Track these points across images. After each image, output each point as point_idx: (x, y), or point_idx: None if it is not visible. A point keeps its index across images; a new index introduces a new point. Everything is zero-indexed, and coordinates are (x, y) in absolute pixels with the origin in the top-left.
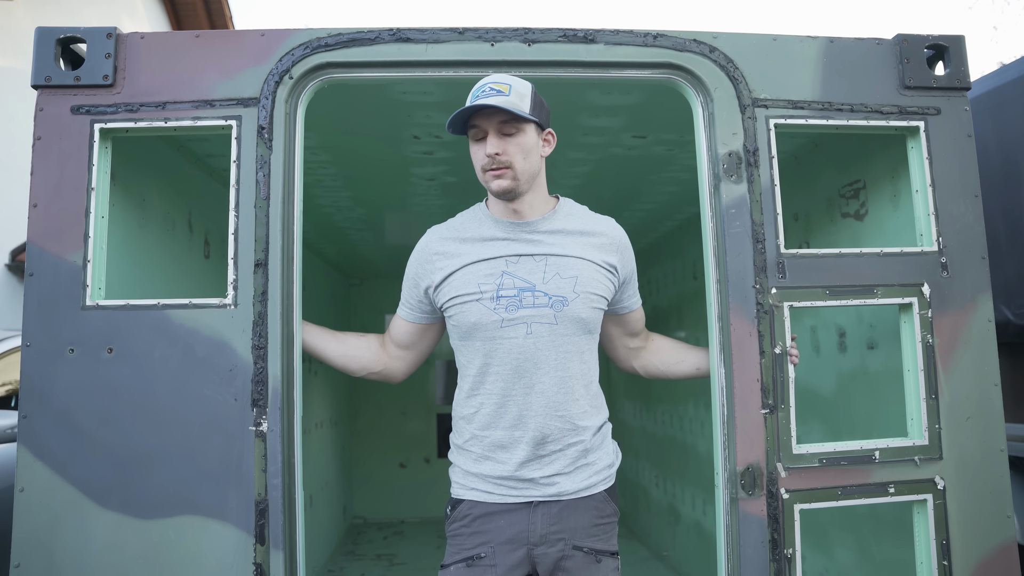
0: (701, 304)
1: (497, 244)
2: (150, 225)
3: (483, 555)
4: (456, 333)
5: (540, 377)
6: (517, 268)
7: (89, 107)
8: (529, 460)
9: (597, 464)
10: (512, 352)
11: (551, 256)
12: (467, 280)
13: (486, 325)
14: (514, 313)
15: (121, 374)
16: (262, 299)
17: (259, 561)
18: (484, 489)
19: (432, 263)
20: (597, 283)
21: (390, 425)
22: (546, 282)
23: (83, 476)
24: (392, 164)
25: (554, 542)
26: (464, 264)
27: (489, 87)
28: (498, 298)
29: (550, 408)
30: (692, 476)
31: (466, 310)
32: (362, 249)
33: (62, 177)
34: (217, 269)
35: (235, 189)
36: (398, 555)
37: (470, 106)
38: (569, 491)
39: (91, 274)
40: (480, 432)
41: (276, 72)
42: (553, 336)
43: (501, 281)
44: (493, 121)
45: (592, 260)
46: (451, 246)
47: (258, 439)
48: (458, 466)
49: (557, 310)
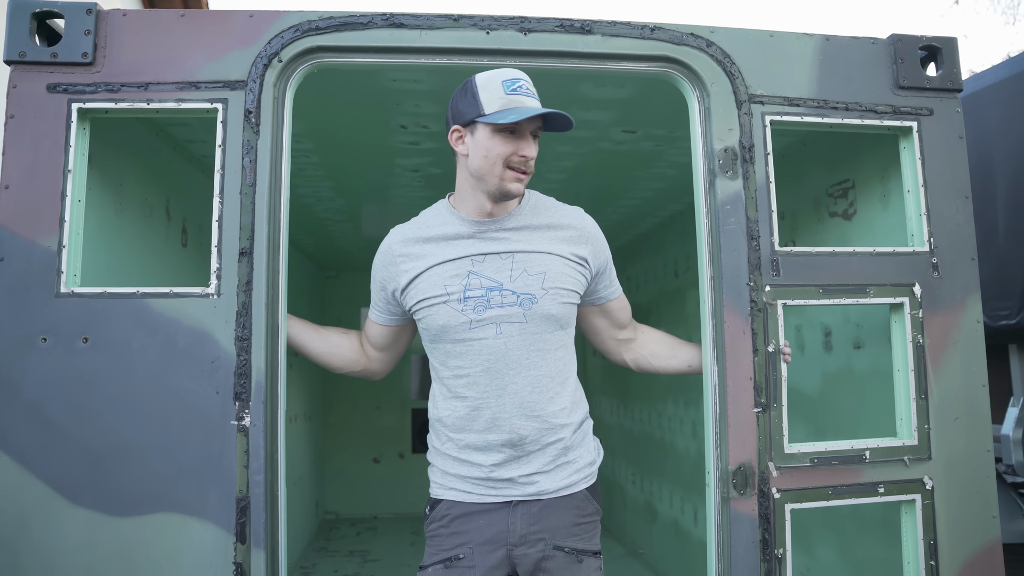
0: (681, 302)
1: (462, 243)
2: (127, 211)
3: (462, 556)
4: (426, 336)
5: (512, 378)
6: (483, 267)
7: (67, 86)
8: (506, 461)
9: (578, 462)
10: (483, 354)
11: (517, 253)
12: (433, 282)
13: (455, 327)
14: (482, 314)
15: (97, 365)
16: (246, 289)
17: (239, 560)
18: (462, 489)
19: (396, 265)
20: (566, 277)
21: (364, 420)
22: (513, 280)
23: (54, 471)
24: (377, 154)
25: (534, 542)
26: (429, 266)
27: (524, 85)
28: (465, 299)
29: (524, 409)
30: (670, 474)
31: (434, 313)
32: (340, 241)
33: (36, 158)
34: (194, 258)
35: (220, 175)
36: (371, 551)
37: (539, 111)
38: (549, 490)
39: (66, 260)
40: (454, 435)
41: (264, 55)
42: (524, 335)
43: (468, 281)
44: (534, 123)
45: (560, 254)
46: (415, 247)
47: (240, 434)
48: (436, 466)
49: (526, 308)
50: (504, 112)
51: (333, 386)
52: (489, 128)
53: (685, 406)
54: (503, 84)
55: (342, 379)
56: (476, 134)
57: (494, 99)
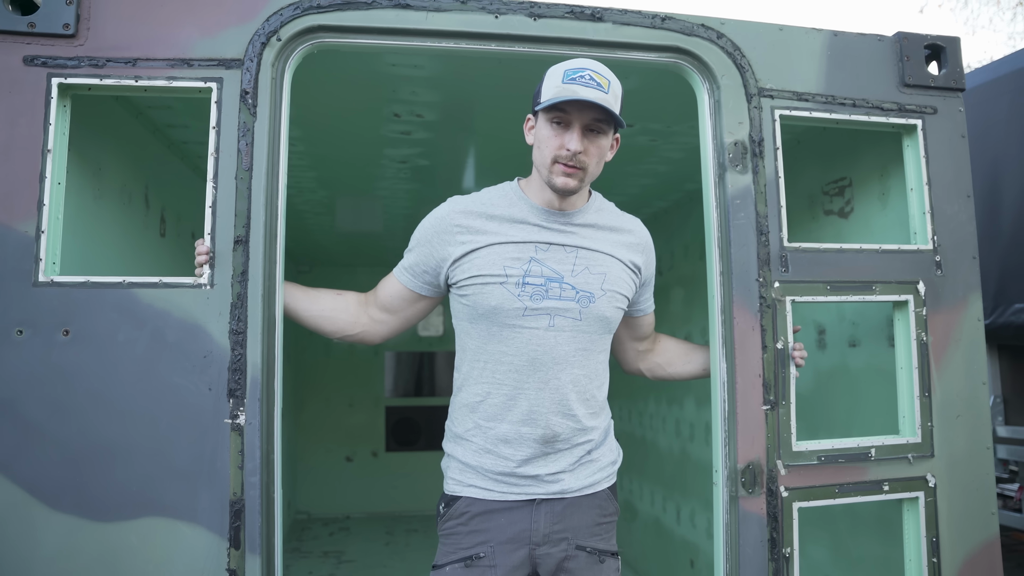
0: (664, 300)
1: (528, 228)
2: (105, 197)
3: (482, 555)
4: (467, 314)
5: (556, 373)
6: (547, 256)
7: (46, 59)
8: (534, 457)
9: (601, 460)
10: (531, 343)
11: (582, 249)
12: (492, 260)
13: (507, 311)
14: (539, 303)
15: (78, 359)
16: (242, 279)
17: (233, 567)
18: (483, 486)
19: (452, 235)
20: (623, 282)
21: (336, 417)
22: (575, 275)
23: (31, 474)
24: (366, 143)
25: (557, 542)
26: (491, 243)
27: (590, 75)
28: (524, 284)
29: (563, 406)
30: (651, 472)
31: (487, 292)
32: (317, 234)
33: (12, 136)
34: (171, 249)
35: (214, 158)
36: (346, 552)
37: (574, 97)
38: (573, 488)
39: (45, 247)
40: (485, 423)
41: (263, 33)
42: (575, 332)
43: (529, 267)
44: (586, 115)
45: (620, 258)
46: (476, 221)
47: (234, 433)
48: (455, 458)
49: (583, 306)
50: (549, 100)
51: (305, 383)
52: (543, 117)
53: (668, 404)
54: (564, 73)
55: (314, 376)
56: (537, 123)
57: (551, 88)
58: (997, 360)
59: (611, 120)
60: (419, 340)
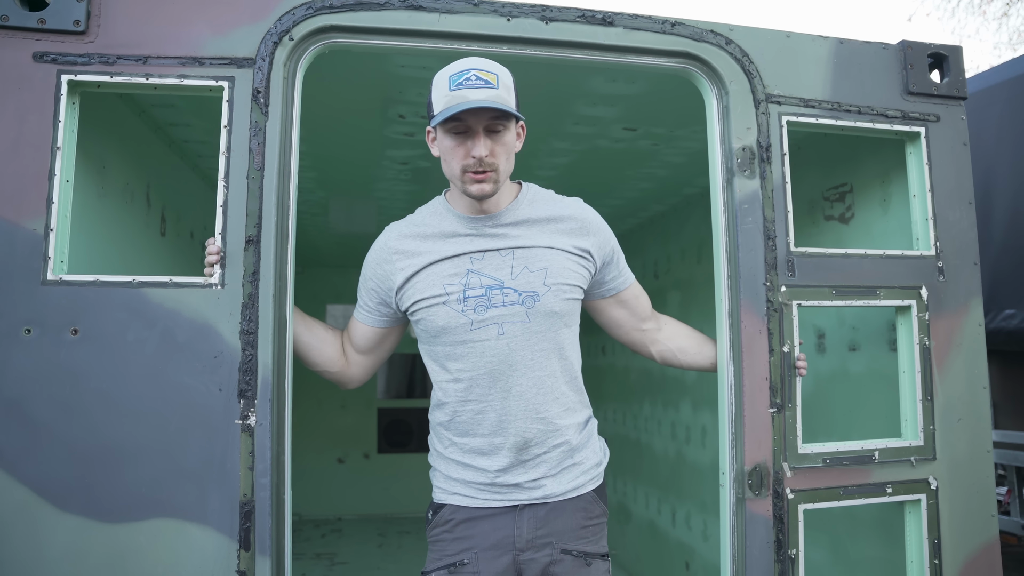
0: (661, 304)
1: (460, 240)
2: (109, 196)
3: (466, 561)
4: (424, 337)
5: (517, 379)
6: (483, 265)
7: (56, 55)
8: (512, 466)
9: (584, 463)
10: (485, 355)
11: (518, 249)
12: (431, 281)
13: (455, 328)
14: (483, 314)
15: (87, 359)
16: (253, 279)
17: (243, 569)
18: (467, 493)
19: (392, 263)
20: (569, 272)
21: (328, 419)
22: (514, 278)
23: (38, 475)
24: (368, 144)
25: (541, 547)
26: (427, 263)
27: (475, 75)
28: (465, 299)
29: (530, 411)
30: (645, 475)
31: (432, 314)
32: (311, 235)
33: (21, 132)
34: (171, 249)
35: (225, 157)
36: (339, 554)
37: (466, 104)
38: (556, 493)
39: (54, 245)
40: (458, 439)
41: (275, 32)
42: (527, 335)
43: (467, 280)
44: (482, 118)
45: (561, 248)
46: (411, 243)
47: (245, 434)
48: (439, 471)
49: (529, 307)
50: (442, 112)
51: (297, 384)
52: (442, 129)
53: (664, 407)
54: (450, 79)
55: (306, 376)
56: (438, 136)
57: (441, 98)
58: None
59: (507, 115)
60: (411, 342)
